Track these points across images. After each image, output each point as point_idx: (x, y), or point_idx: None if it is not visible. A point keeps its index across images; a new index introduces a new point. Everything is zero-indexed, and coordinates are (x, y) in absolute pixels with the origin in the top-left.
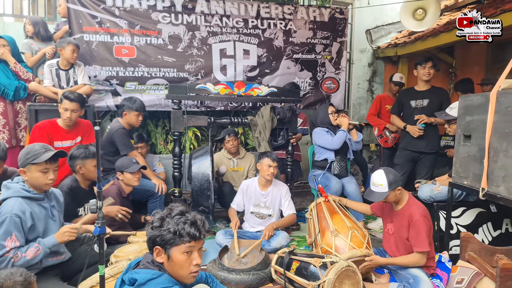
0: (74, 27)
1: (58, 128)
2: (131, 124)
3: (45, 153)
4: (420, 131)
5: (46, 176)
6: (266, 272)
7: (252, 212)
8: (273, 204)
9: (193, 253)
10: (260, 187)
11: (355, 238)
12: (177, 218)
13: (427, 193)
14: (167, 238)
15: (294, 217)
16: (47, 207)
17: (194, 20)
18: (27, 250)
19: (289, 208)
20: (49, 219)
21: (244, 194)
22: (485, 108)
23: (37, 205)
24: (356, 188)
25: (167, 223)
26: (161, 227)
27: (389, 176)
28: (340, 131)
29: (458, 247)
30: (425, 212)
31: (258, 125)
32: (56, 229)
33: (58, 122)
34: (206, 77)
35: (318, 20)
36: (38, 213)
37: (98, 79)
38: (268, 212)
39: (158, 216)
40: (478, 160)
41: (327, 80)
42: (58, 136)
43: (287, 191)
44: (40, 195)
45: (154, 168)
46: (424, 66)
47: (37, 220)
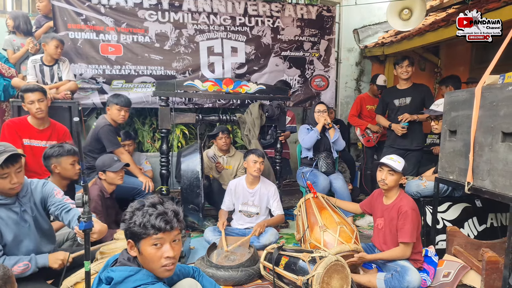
0: (59, 24)
1: (28, 126)
2: (114, 120)
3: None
4: (403, 130)
5: (7, 180)
6: (254, 269)
7: (241, 211)
8: (261, 202)
9: (163, 245)
10: (248, 185)
11: (343, 233)
12: (145, 211)
13: (414, 188)
14: (134, 231)
15: (282, 217)
16: (17, 211)
17: (181, 18)
18: (15, 265)
19: (278, 208)
20: (20, 225)
21: (232, 194)
22: (470, 103)
23: (5, 210)
24: (343, 184)
25: (135, 215)
26: (130, 220)
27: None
28: (312, 130)
29: (444, 242)
30: (414, 205)
31: (247, 122)
32: (30, 234)
33: (28, 120)
34: (194, 75)
35: (305, 18)
36: (6, 219)
37: (84, 77)
38: (256, 210)
39: (130, 208)
40: (464, 155)
41: (316, 77)
42: (28, 134)
43: (275, 191)
44: (8, 199)
45: (141, 167)
46: (401, 65)
47: (3, 225)
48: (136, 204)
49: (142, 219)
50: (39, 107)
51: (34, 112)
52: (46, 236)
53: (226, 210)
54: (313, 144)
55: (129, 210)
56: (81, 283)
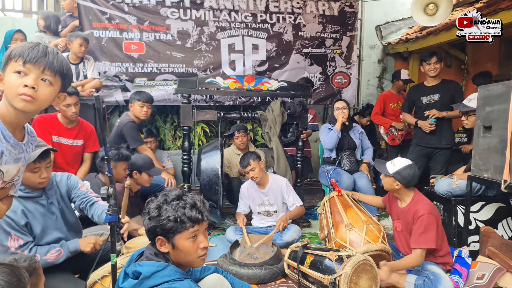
0: (84, 23)
1: (58, 123)
2: (136, 116)
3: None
4: (431, 126)
5: (38, 174)
6: (278, 267)
7: (260, 212)
8: (276, 199)
9: (198, 236)
10: (259, 187)
11: (370, 232)
12: (175, 204)
13: (444, 187)
14: (168, 227)
15: (303, 209)
16: (44, 204)
17: (203, 15)
18: (48, 253)
19: (295, 200)
20: (48, 217)
21: (246, 198)
22: (506, 97)
23: (32, 203)
24: (368, 182)
25: (165, 211)
26: (160, 216)
27: (406, 169)
28: (331, 130)
29: (477, 243)
30: (431, 209)
31: (268, 120)
32: (57, 225)
33: (58, 117)
34: (215, 72)
35: (327, 14)
36: (34, 211)
37: (107, 75)
38: (274, 209)
39: (154, 205)
40: (500, 152)
41: (338, 75)
42: (57, 131)
43: (287, 184)
44: (34, 192)
45: (163, 164)
46: (429, 62)
47: (32, 218)
48: (159, 200)
49: (175, 213)
50: (75, 111)
51: (69, 115)
52: (73, 229)
53: (241, 213)
54: (336, 144)
55: (152, 207)
56: (108, 276)
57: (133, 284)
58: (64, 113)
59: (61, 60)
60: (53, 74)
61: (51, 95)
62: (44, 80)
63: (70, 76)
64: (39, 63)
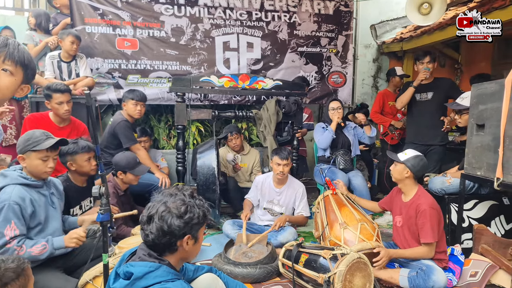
0: (76, 18)
1: (49, 122)
2: (130, 115)
3: (46, 140)
4: (425, 72)
5: (46, 164)
6: (273, 266)
7: (265, 208)
8: (287, 202)
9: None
10: (275, 184)
11: (364, 230)
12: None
13: (438, 185)
14: (196, 223)
15: (306, 219)
16: (46, 194)
17: (197, 12)
18: (33, 246)
19: (303, 209)
20: (49, 207)
21: (258, 190)
22: (499, 95)
23: (36, 192)
24: (363, 181)
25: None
26: (189, 214)
27: (416, 158)
28: (326, 130)
29: (470, 241)
30: (433, 203)
31: (263, 119)
32: (57, 216)
33: (50, 116)
34: (209, 70)
35: (323, 13)
36: (38, 200)
37: (100, 72)
38: (280, 210)
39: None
40: (493, 150)
41: (333, 74)
42: (49, 130)
43: (304, 192)
44: (39, 182)
45: (158, 163)
46: (423, 62)
47: (37, 206)
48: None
49: (201, 211)
50: (67, 109)
51: (61, 113)
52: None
53: (250, 201)
54: (330, 143)
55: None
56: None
57: (125, 285)
58: (56, 111)
59: (22, 51)
60: (13, 64)
61: (12, 85)
62: (5, 70)
63: (33, 67)
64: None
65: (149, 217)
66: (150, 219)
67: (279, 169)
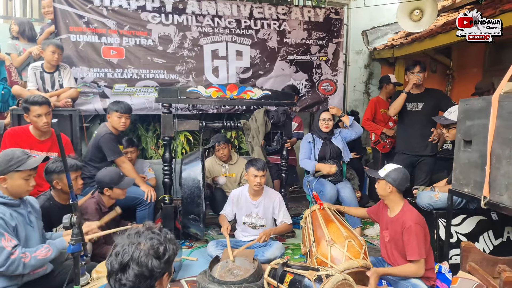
0: (60, 27)
1: (29, 136)
2: (115, 127)
3: (28, 159)
4: (417, 77)
5: (28, 182)
6: (258, 285)
7: (245, 223)
8: (266, 214)
9: None
10: (251, 197)
11: (351, 248)
12: (168, 235)
13: (426, 200)
14: (173, 258)
15: (290, 226)
16: (23, 213)
17: (185, 20)
18: (37, 251)
19: (285, 217)
20: (28, 226)
21: (234, 205)
22: (486, 112)
23: (13, 211)
24: (351, 193)
25: (171, 245)
26: (168, 253)
27: (396, 171)
28: (311, 162)
29: (458, 256)
30: (418, 219)
31: (251, 129)
32: (36, 236)
33: (30, 130)
34: (197, 79)
35: (313, 21)
36: (17, 218)
37: (85, 81)
38: (261, 223)
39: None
40: (480, 167)
41: (324, 82)
42: (29, 144)
43: (280, 200)
44: (16, 201)
45: (145, 175)
46: (413, 72)
47: (18, 223)
48: (155, 237)
49: (173, 244)
50: (46, 121)
51: (40, 126)
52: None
53: (225, 217)
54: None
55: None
56: None
57: None
58: (35, 124)
59: None
60: None
61: None
62: None
63: None
64: None
65: (122, 265)
66: (124, 267)
67: (256, 181)
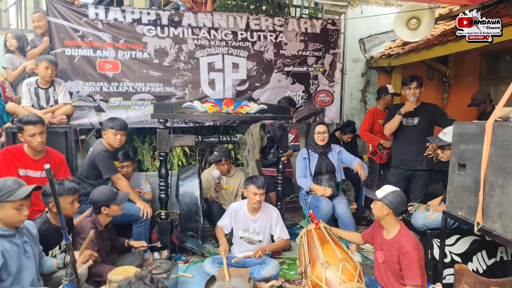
0: (55, 41)
1: (24, 155)
2: (110, 144)
3: (19, 189)
4: (412, 103)
5: (20, 212)
6: None
7: (242, 237)
8: (263, 229)
9: None
10: (249, 212)
11: (346, 271)
12: (160, 283)
13: (420, 221)
14: None
15: (287, 242)
16: (19, 243)
17: (181, 33)
18: None
19: (282, 233)
20: (22, 256)
21: (232, 218)
22: (480, 138)
23: (7, 242)
24: (347, 209)
25: None
26: None
27: (394, 194)
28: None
29: (452, 276)
30: (415, 243)
31: (247, 143)
32: (30, 266)
33: (24, 149)
34: (194, 92)
35: (309, 32)
36: (10, 251)
37: (80, 95)
38: (258, 238)
39: None
40: (473, 192)
41: (320, 93)
42: (24, 164)
43: (278, 216)
44: (11, 231)
45: (141, 188)
46: (409, 87)
47: (8, 258)
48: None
49: None
50: (40, 141)
51: (35, 146)
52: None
53: (222, 229)
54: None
55: None
56: None
57: None
58: (30, 143)
59: None
60: None
61: None
62: None
63: None
64: None
65: None
66: None
67: (256, 199)
